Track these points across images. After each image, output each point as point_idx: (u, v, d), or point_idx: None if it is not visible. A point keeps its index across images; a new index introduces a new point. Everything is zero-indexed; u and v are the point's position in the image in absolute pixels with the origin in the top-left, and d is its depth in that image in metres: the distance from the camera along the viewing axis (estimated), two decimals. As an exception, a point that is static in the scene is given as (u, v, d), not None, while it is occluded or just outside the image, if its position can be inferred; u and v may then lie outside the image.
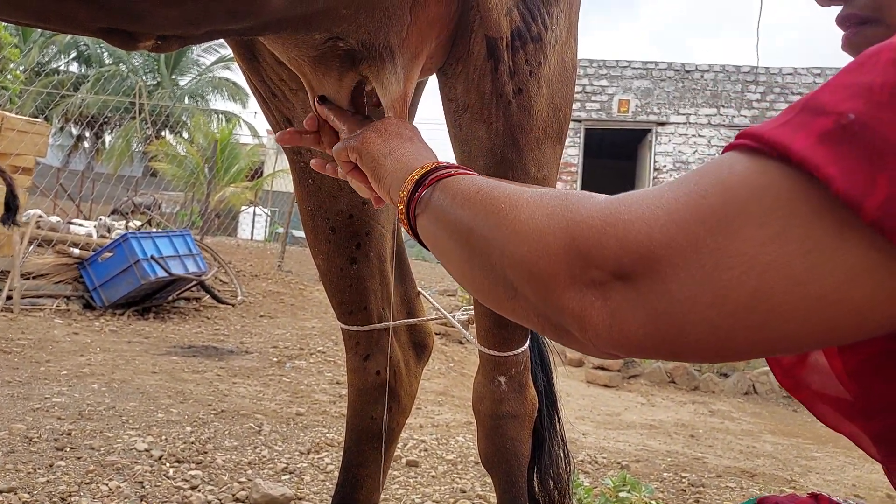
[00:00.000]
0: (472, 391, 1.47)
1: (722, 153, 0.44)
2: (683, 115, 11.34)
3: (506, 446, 1.39)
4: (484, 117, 1.26)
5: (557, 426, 1.60)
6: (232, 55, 1.56)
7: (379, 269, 1.58)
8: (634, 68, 11.50)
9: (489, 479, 2.85)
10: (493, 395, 1.40)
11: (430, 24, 1.06)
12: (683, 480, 3.07)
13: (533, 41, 1.21)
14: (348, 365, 1.58)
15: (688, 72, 11.35)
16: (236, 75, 24.48)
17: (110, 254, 6.26)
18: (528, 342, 1.43)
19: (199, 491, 2.43)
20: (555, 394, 1.61)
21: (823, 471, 3.82)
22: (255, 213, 18.55)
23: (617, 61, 11.54)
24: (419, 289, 1.72)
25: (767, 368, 6.37)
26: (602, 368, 6.33)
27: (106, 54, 22.99)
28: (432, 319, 1.65)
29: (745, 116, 11.04)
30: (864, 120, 0.36)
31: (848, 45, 0.64)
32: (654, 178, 11.21)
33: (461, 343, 6.83)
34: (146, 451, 2.74)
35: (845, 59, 0.45)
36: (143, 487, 2.41)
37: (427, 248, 0.67)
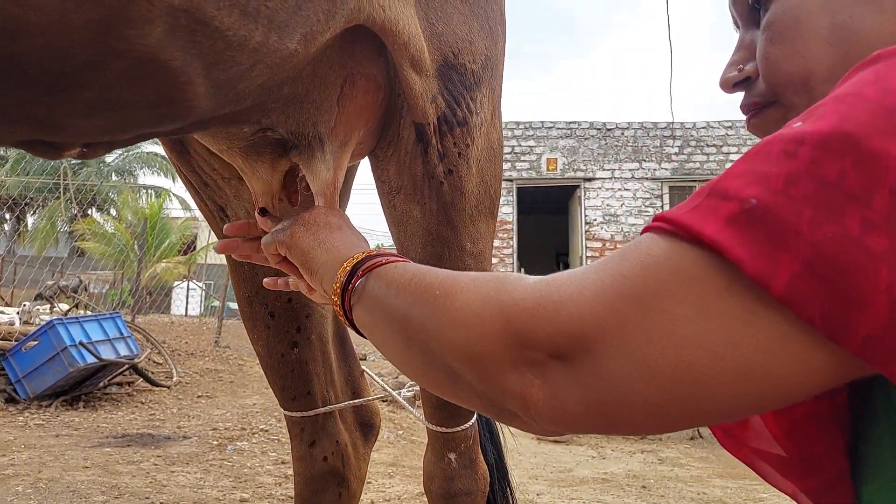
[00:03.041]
0: (423, 470, 1.45)
1: (641, 233, 0.47)
2: (608, 170, 11.78)
3: (460, 526, 1.37)
4: (417, 198, 1.29)
5: (510, 499, 1.59)
6: None
7: (321, 350, 1.56)
8: (559, 128, 11.94)
9: (445, 553, 2.78)
10: (445, 473, 1.39)
11: (358, 114, 1.09)
12: (638, 536, 3.06)
13: (459, 125, 1.26)
14: (294, 453, 1.54)
15: (609, 129, 11.86)
16: (165, 149, 24.16)
17: (35, 342, 5.95)
18: (475, 416, 1.43)
19: None
20: (506, 466, 1.61)
21: (771, 512, 3.89)
22: (188, 288, 18.05)
23: (542, 122, 11.97)
24: (363, 368, 1.71)
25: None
26: (551, 424, 6.33)
27: (26, 134, 22.33)
28: (378, 398, 1.63)
29: (666, 169, 11.56)
30: (764, 205, 0.39)
31: (752, 127, 0.69)
32: (585, 230, 11.53)
33: (408, 409, 6.72)
34: (79, 556, 2.57)
35: None
36: None
37: (365, 338, 0.67)
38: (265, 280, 0.99)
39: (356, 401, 1.61)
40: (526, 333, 0.45)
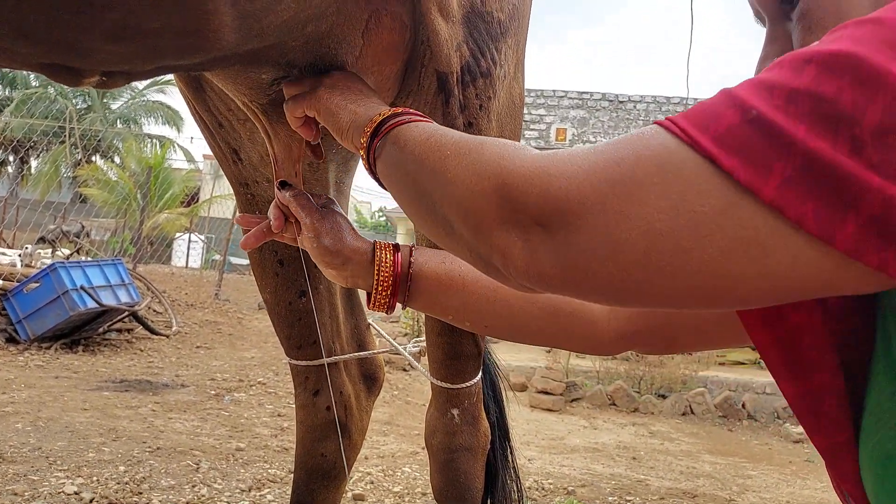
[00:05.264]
0: (425, 424, 1.45)
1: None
2: (618, 143, 11.68)
3: (459, 480, 1.38)
4: (435, 150, 1.26)
5: (510, 458, 1.60)
6: (167, 78, 1.52)
7: (329, 301, 1.56)
8: (571, 98, 11.82)
9: (437, 511, 2.82)
10: (447, 428, 1.39)
11: (385, 50, 1.06)
12: (628, 503, 3.11)
13: (482, 76, 1.23)
14: (297, 401, 1.54)
15: (621, 102, 11.74)
16: (171, 99, 23.95)
17: (37, 284, 5.97)
18: (480, 374, 1.42)
19: (135, 535, 2.31)
20: (507, 425, 1.61)
21: (759, 488, 3.94)
22: (190, 240, 18.06)
23: (554, 91, 11.84)
24: (370, 321, 1.70)
25: (703, 389, 6.56)
26: (545, 392, 6.38)
27: (32, 76, 22.17)
28: (383, 352, 1.63)
29: (677, 145, 11.46)
30: (762, 117, 0.41)
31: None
32: (591, 204, 11.51)
33: (405, 370, 6.78)
34: (75, 493, 2.60)
35: None
36: (74, 534, 2.28)
37: (386, 189, 0.72)
38: (273, 224, 0.94)
39: (362, 353, 1.61)
40: (517, 197, 0.49)
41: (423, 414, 4.90)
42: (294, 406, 1.50)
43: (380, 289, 0.84)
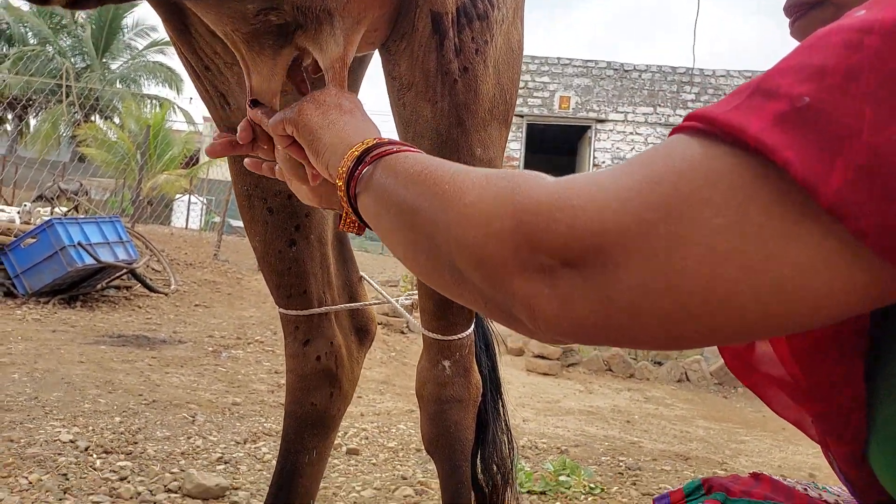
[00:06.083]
0: (416, 375, 1.45)
1: (670, 135, 0.43)
2: (622, 112, 11.58)
3: (449, 431, 1.38)
4: (429, 96, 1.23)
5: (501, 411, 1.59)
6: (166, 39, 1.48)
7: (319, 251, 1.54)
8: (575, 66, 11.66)
9: (431, 466, 2.84)
10: (437, 380, 1.39)
11: None
12: (621, 464, 3.13)
13: (479, 19, 1.19)
14: (287, 350, 1.53)
15: (626, 71, 11.58)
16: (171, 59, 23.67)
17: (34, 240, 5.96)
18: (472, 326, 1.41)
19: (129, 482, 2.33)
20: (499, 378, 1.61)
21: (752, 453, 3.97)
22: (189, 202, 18.02)
23: (558, 58, 11.67)
24: (361, 273, 1.69)
25: (699, 357, 6.59)
26: (542, 357, 6.42)
27: (30, 34, 21.88)
28: (375, 304, 1.62)
29: (680, 116, 11.34)
30: (818, 104, 0.35)
31: (796, 30, 0.64)
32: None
33: (402, 333, 6.81)
34: (71, 442, 2.62)
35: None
36: (67, 480, 2.29)
37: (369, 228, 0.64)
38: (246, 161, 0.92)
39: (352, 304, 1.59)
40: (538, 237, 0.42)
41: (418, 374, 4.87)
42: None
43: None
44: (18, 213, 8.15)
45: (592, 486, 2.73)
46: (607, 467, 3.06)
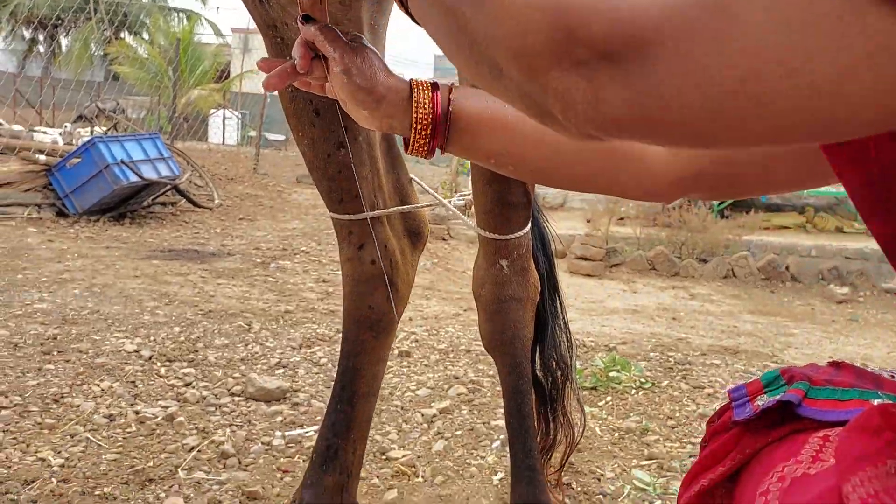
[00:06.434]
0: (473, 276, 1.43)
1: None
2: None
3: (509, 328, 1.37)
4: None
5: (559, 309, 1.58)
6: None
7: (368, 154, 1.50)
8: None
9: (481, 366, 2.89)
10: (496, 279, 1.37)
11: None
12: (670, 359, 3.14)
13: None
14: (342, 255, 1.53)
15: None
16: (195, -30, 23.02)
17: (78, 160, 6.05)
18: (528, 225, 1.38)
19: (193, 388, 2.43)
20: (556, 277, 1.58)
21: (801, 345, 3.95)
22: (224, 117, 17.99)
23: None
24: (411, 176, 1.65)
25: (746, 253, 6.49)
26: (584, 259, 6.40)
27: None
28: (426, 206, 1.59)
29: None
30: None
31: None
32: None
33: (444, 239, 6.83)
34: (135, 352, 2.73)
35: None
36: (136, 386, 2.40)
37: (420, 26, 0.64)
38: (298, 63, 0.86)
39: (404, 207, 1.57)
40: (578, 29, 0.42)
41: (463, 280, 4.96)
42: (339, 272, 1.50)
43: (418, 128, 0.77)
44: (60, 134, 8.25)
45: (643, 380, 2.76)
46: (656, 363, 3.08)
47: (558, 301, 1.58)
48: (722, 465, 0.76)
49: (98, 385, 2.37)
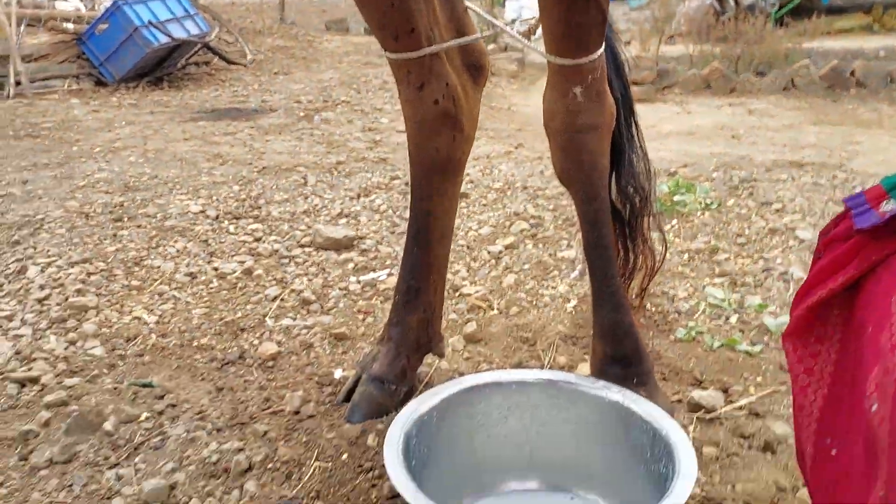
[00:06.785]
0: (543, 108, 1.36)
1: None
2: None
3: (584, 159, 1.32)
4: None
5: (636, 134, 1.51)
6: None
7: (421, -18, 1.39)
8: None
9: (540, 201, 2.88)
10: (569, 108, 1.29)
11: None
12: (734, 178, 3.06)
13: None
14: (402, 97, 1.47)
15: None
16: None
17: (105, 25, 5.89)
18: (603, 46, 1.28)
19: (264, 242, 2.50)
20: (632, 100, 1.50)
21: (870, 152, 3.80)
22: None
23: None
24: (466, 3, 1.54)
25: (807, 62, 6.09)
26: (634, 84, 6.11)
27: None
28: (486, 36, 1.49)
29: None
30: None
31: None
32: None
33: (485, 74, 6.57)
34: (201, 212, 2.79)
35: None
36: (209, 245, 2.48)
37: None
38: None
39: (464, 39, 1.47)
40: None
41: (508, 117, 4.83)
42: (383, 121, 1.44)
43: None
44: (81, 1, 8.01)
45: (708, 201, 2.71)
46: (720, 182, 3.01)
47: (634, 126, 1.51)
48: (843, 273, 0.74)
49: (173, 246, 2.45)
